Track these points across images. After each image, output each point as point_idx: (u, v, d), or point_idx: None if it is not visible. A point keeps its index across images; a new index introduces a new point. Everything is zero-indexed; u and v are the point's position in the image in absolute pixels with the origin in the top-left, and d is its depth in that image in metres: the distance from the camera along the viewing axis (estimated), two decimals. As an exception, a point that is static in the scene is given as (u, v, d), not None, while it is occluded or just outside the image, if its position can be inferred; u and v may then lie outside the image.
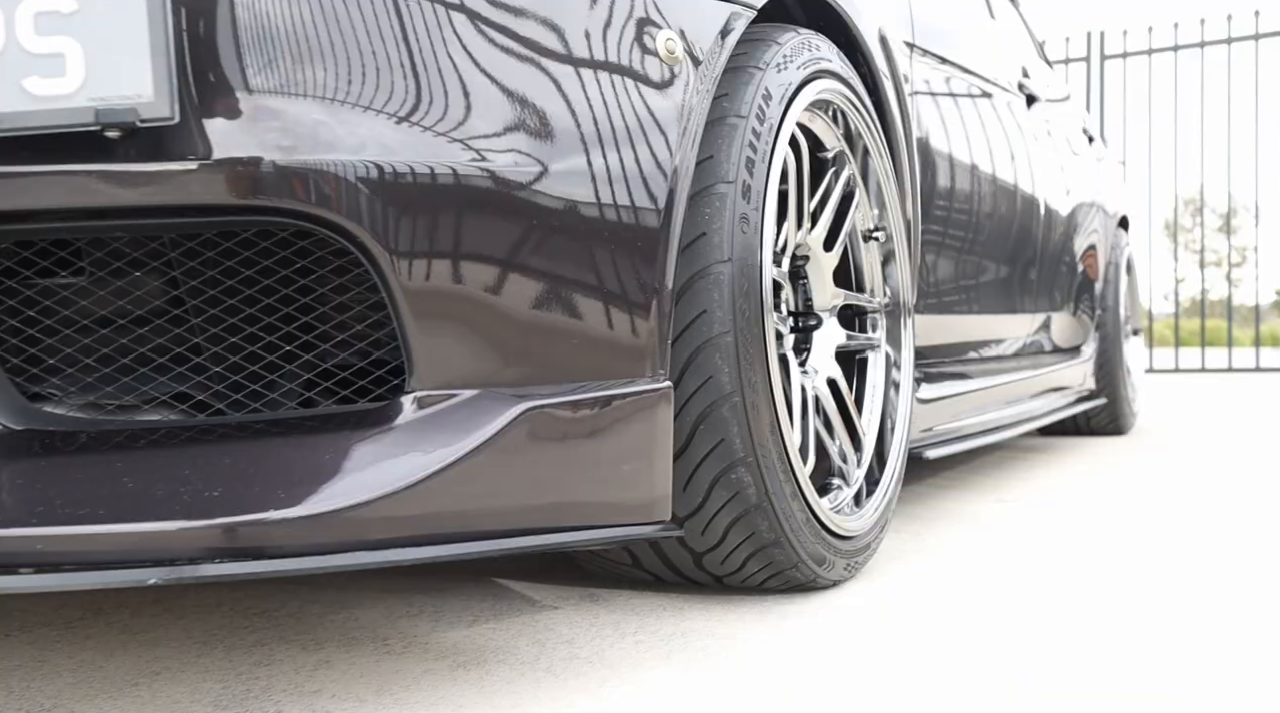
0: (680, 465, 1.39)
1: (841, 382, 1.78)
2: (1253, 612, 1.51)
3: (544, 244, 1.14)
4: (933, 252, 2.36)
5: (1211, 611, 1.51)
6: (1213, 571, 1.77)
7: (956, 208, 2.48)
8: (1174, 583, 1.68)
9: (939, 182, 2.37)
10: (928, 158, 2.31)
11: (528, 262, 1.12)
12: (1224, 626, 1.44)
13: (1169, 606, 1.54)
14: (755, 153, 1.43)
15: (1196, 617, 1.48)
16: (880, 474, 1.83)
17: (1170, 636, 1.39)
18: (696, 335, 1.36)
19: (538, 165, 1.14)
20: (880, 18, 2.02)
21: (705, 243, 1.37)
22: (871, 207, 1.91)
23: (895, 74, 2.05)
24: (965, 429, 2.55)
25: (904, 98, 2.08)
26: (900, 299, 1.96)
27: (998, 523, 2.24)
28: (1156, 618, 1.47)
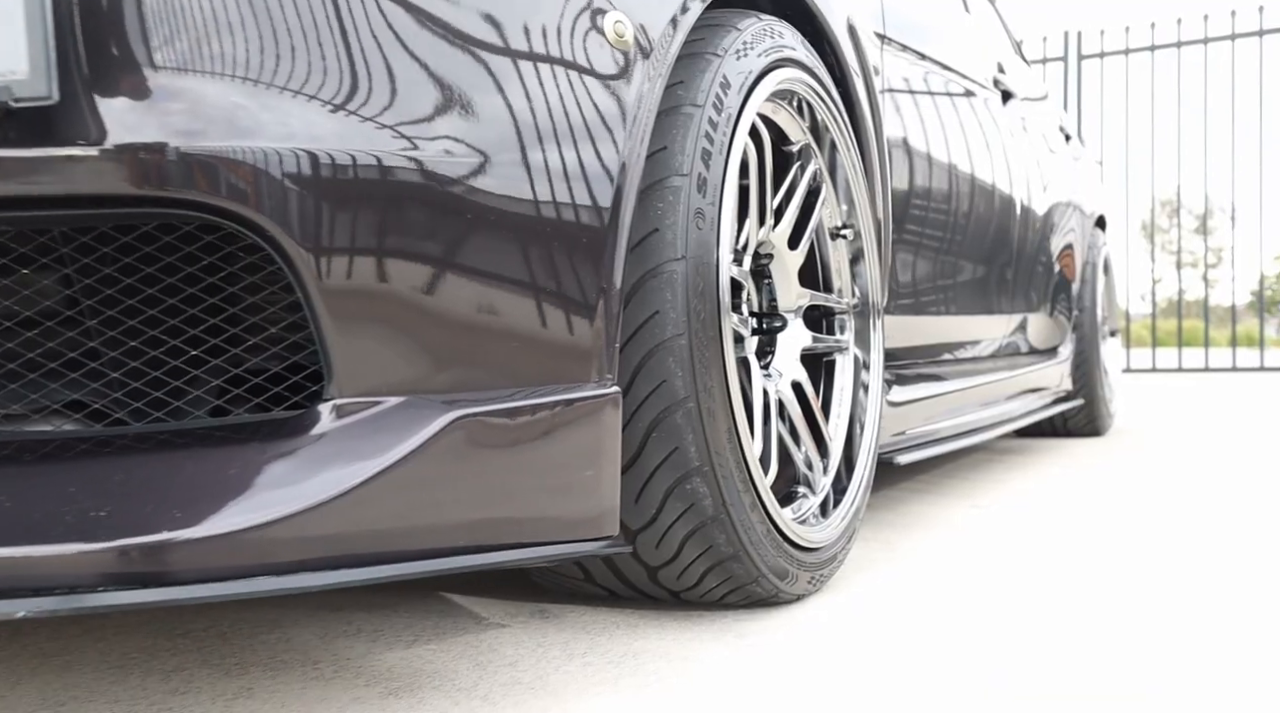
0: (632, 476, 1.31)
1: (807, 385, 1.70)
2: (1227, 613, 1.44)
3: (478, 240, 1.05)
4: (905, 250, 2.28)
5: (1186, 612, 1.44)
6: (1187, 573, 1.70)
7: (929, 205, 2.40)
8: (1148, 586, 1.61)
9: (911, 178, 2.30)
10: (899, 153, 2.23)
11: (460, 259, 1.04)
12: (1198, 627, 1.36)
13: (1144, 608, 1.47)
14: (712, 144, 1.35)
15: (1171, 619, 1.41)
16: (848, 482, 1.76)
17: (1145, 637, 1.32)
18: (648, 338, 1.28)
19: (472, 155, 1.05)
20: (849, 7, 1.94)
21: (657, 239, 1.29)
22: (839, 203, 1.83)
23: (865, 65, 1.98)
24: (939, 433, 2.48)
25: (874, 90, 2.00)
26: (870, 299, 1.88)
27: (972, 529, 2.17)
28: (1131, 621, 1.40)
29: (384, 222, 0.99)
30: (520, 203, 1.09)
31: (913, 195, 2.31)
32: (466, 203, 1.04)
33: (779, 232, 1.65)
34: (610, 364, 1.19)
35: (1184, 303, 10.71)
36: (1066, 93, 10.25)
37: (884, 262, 2.08)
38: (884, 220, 2.06)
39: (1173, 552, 1.94)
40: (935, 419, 2.47)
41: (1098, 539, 2.06)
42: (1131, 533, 2.13)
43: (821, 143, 1.77)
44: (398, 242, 1.00)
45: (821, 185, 1.76)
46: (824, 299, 1.80)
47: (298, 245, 0.95)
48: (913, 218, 2.32)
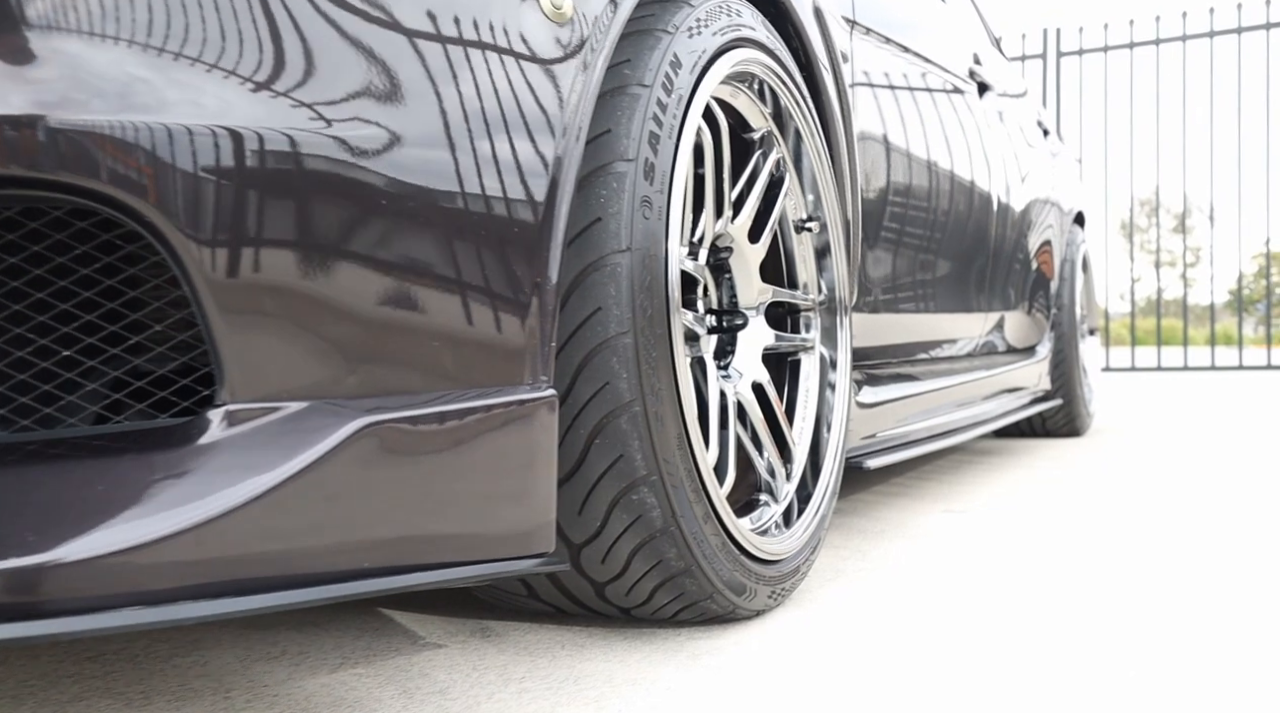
0: (574, 486, 1.21)
1: (769, 387, 1.60)
2: (1205, 627, 1.35)
3: (393, 230, 0.95)
4: (876, 245, 2.19)
5: (1164, 624, 1.35)
6: (1165, 579, 1.61)
7: (902, 198, 2.31)
8: (1128, 595, 1.52)
9: (882, 169, 2.20)
10: (870, 143, 2.14)
11: (372, 250, 0.94)
12: (1176, 639, 1.28)
13: (1125, 620, 1.38)
14: (661, 127, 1.25)
15: (1151, 632, 1.32)
16: (813, 488, 1.66)
17: (1127, 652, 1.23)
18: (590, 336, 1.18)
19: (386, 137, 0.95)
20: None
21: (600, 229, 1.19)
22: (805, 194, 1.73)
23: (832, 51, 1.88)
24: (913, 435, 2.39)
25: (841, 77, 1.91)
26: (837, 295, 1.79)
27: (947, 535, 2.08)
28: (1113, 634, 1.31)
29: (283, 207, 0.89)
30: (442, 189, 0.99)
31: (884, 188, 2.21)
32: (379, 189, 0.94)
33: (738, 223, 1.55)
34: (545, 365, 1.09)
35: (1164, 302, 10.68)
36: (1045, 90, 10.20)
37: (853, 257, 1.98)
38: (853, 214, 1.97)
39: (1152, 558, 1.86)
40: (909, 421, 2.38)
41: (1076, 544, 1.98)
42: (1110, 538, 2.05)
43: (785, 130, 1.67)
44: (299, 230, 0.89)
45: (785, 175, 1.67)
46: (788, 296, 1.71)
47: (182, 234, 0.84)
48: (884, 212, 2.23)
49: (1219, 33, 9.62)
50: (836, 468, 1.70)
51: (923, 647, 1.33)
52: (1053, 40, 10.14)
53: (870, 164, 2.13)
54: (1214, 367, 10.08)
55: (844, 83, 1.92)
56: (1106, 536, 2.09)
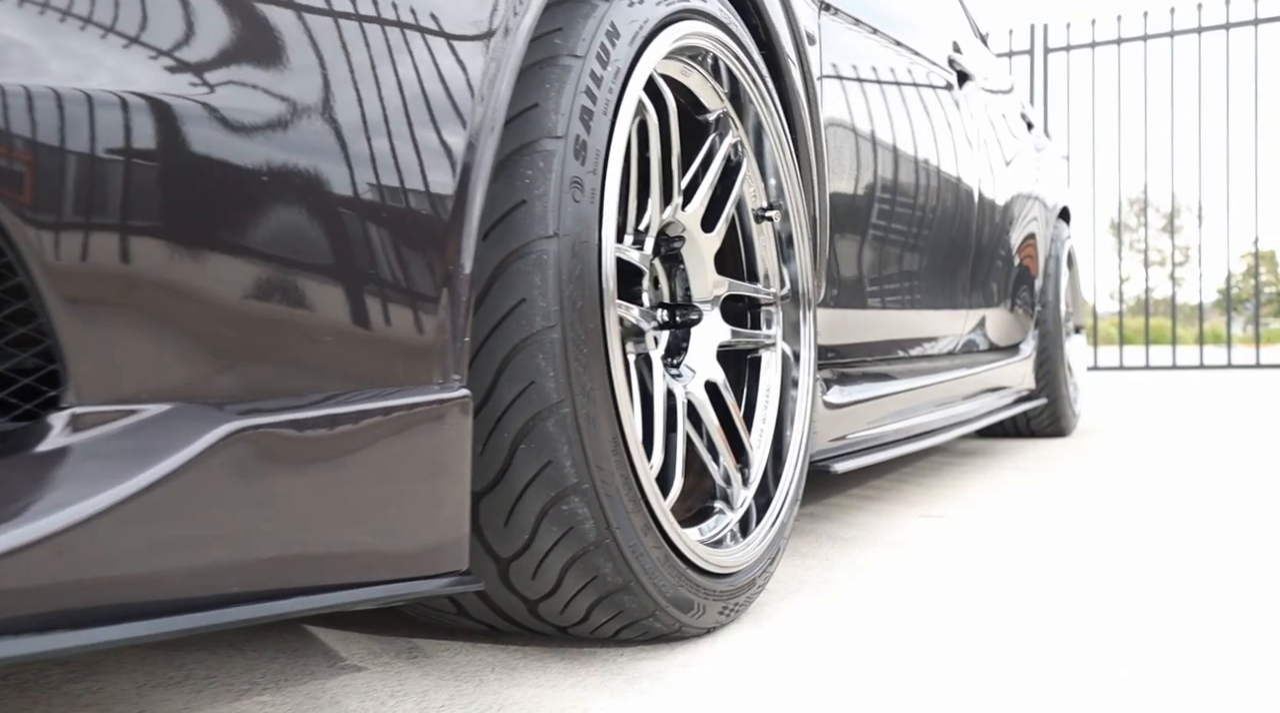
0: (499, 495, 1.11)
1: (724, 386, 1.50)
2: (1188, 642, 1.24)
3: (274, 211, 0.84)
4: (845, 237, 2.09)
5: (1148, 641, 1.25)
6: (1148, 591, 1.51)
7: (873, 188, 2.21)
8: (1109, 607, 1.42)
9: (852, 157, 2.10)
10: (839, 130, 2.04)
11: (249, 233, 0.83)
12: (1161, 657, 1.17)
13: (1106, 633, 1.27)
14: (595, 102, 1.15)
15: (1135, 648, 1.22)
16: (773, 494, 1.55)
17: (1110, 669, 1.12)
18: (513, 331, 1.07)
19: (266, 103, 0.84)
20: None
21: (525, 213, 1.08)
22: (766, 180, 1.63)
23: (796, 30, 1.78)
24: (886, 437, 2.29)
25: (806, 58, 1.81)
26: (800, 289, 1.68)
27: (921, 542, 1.98)
28: (1094, 649, 1.20)
29: (140, 185, 0.77)
30: (333, 167, 0.88)
31: (855, 177, 2.11)
32: (257, 165, 0.83)
33: (690, 211, 1.45)
34: (458, 362, 0.98)
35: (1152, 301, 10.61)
36: (1033, 87, 10.11)
37: (820, 248, 1.88)
38: (820, 203, 1.86)
39: (1134, 566, 1.75)
40: (882, 422, 2.27)
41: (1057, 552, 1.87)
42: (1091, 543, 1.95)
43: (743, 113, 1.57)
44: (160, 211, 0.78)
45: (743, 160, 1.56)
46: (747, 289, 1.60)
47: (14, 213, 0.73)
48: (854, 202, 2.12)
49: (1207, 28, 9.55)
50: (798, 473, 1.60)
51: (889, 667, 1.23)
52: (1040, 36, 10.05)
53: (839, 151, 2.03)
54: (1202, 366, 10.01)
55: (809, 64, 1.81)
56: (1088, 541, 1.98)
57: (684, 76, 1.45)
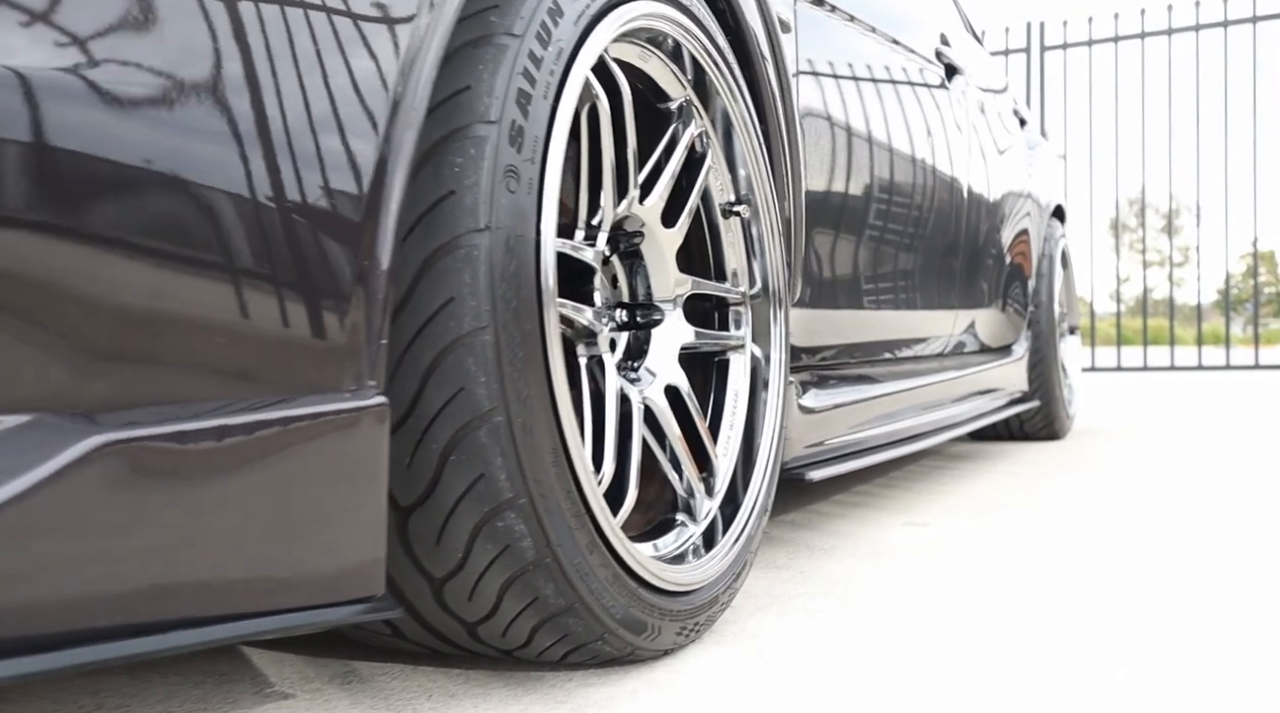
0: (429, 511, 1.02)
1: (687, 391, 1.41)
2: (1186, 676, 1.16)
3: (156, 195, 0.76)
4: (824, 233, 2.00)
5: (1140, 665, 1.16)
6: (1141, 605, 1.43)
7: (854, 183, 2.12)
8: (1099, 624, 1.33)
9: (830, 150, 2.01)
10: (816, 121, 1.95)
11: (125, 221, 0.74)
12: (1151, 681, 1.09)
13: (1096, 655, 1.19)
14: (534, 85, 1.06)
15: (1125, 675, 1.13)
16: (740, 505, 1.47)
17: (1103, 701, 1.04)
18: (440, 332, 0.98)
19: (148, 80, 0.75)
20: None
21: (454, 205, 0.99)
22: (735, 172, 1.54)
23: (768, 16, 1.69)
24: (868, 442, 2.20)
25: (779, 46, 1.72)
26: (771, 287, 1.59)
27: (902, 552, 1.89)
28: (1084, 675, 1.12)
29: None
30: (225, 152, 0.79)
31: (833, 171, 2.02)
32: (134, 148, 0.75)
33: (649, 204, 1.36)
34: (373, 366, 0.89)
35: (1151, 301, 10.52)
36: (1029, 85, 10.02)
37: (795, 245, 1.80)
38: (795, 197, 1.78)
39: (1127, 577, 1.67)
40: (864, 426, 2.19)
41: (1044, 563, 1.79)
42: (1081, 554, 1.86)
43: (709, 102, 1.48)
44: (18, 198, 0.70)
45: (707, 152, 1.48)
46: (713, 287, 1.52)
47: None
48: (833, 197, 2.04)
49: (1204, 26, 9.46)
50: (767, 482, 1.51)
51: (861, 692, 1.14)
52: (1036, 34, 9.97)
53: (816, 144, 1.94)
54: (1201, 367, 9.92)
55: (782, 53, 1.73)
56: (1077, 550, 1.90)
57: (642, 62, 1.36)
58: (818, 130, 1.95)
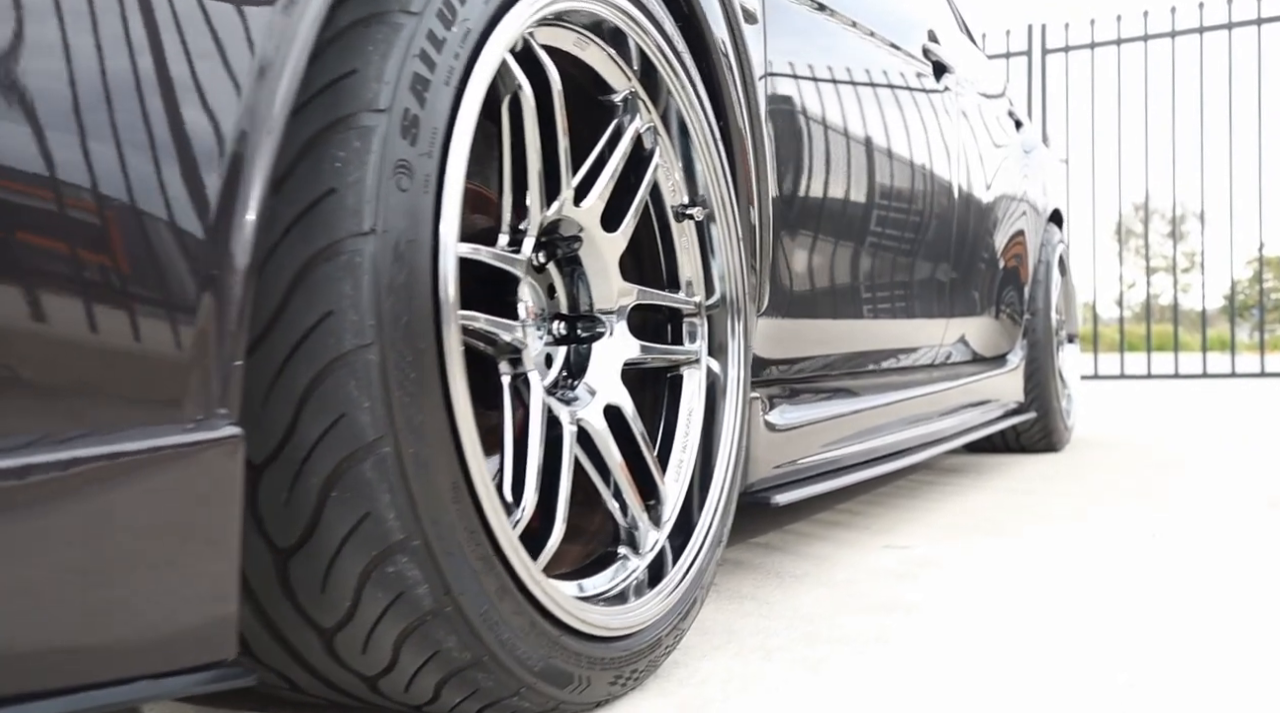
0: (311, 555, 0.89)
1: (630, 411, 1.28)
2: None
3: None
4: (796, 238, 1.88)
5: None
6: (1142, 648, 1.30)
7: (830, 184, 2.00)
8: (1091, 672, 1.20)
9: (805, 149, 1.89)
10: (788, 117, 1.83)
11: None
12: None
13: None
14: (434, 70, 0.93)
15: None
16: (691, 535, 1.34)
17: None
18: (317, 351, 0.86)
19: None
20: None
21: (334, 204, 0.87)
22: (692, 171, 1.42)
23: (728, 4, 1.57)
24: (846, 460, 2.07)
25: (742, 37, 1.60)
26: (730, 297, 1.47)
27: (877, 580, 1.76)
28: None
29: None
30: (39, 135, 0.67)
31: (807, 171, 1.90)
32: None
33: (587, 207, 1.24)
34: (224, 392, 0.77)
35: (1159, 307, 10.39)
36: (1031, 89, 9.89)
37: (762, 251, 1.67)
38: (762, 199, 1.65)
39: (1122, 615, 1.54)
40: (842, 443, 2.06)
41: (1035, 595, 1.66)
42: (1075, 590, 1.73)
43: (657, 95, 1.36)
44: None
45: (655, 149, 1.35)
46: (662, 297, 1.39)
47: None
48: (807, 200, 1.91)
49: (1209, 28, 9.31)
50: (722, 510, 1.38)
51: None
52: (1038, 37, 9.83)
53: (787, 143, 1.82)
54: (1206, 374, 9.76)
55: (744, 44, 1.60)
56: (1067, 582, 1.77)
57: (579, 49, 1.24)
58: (788, 128, 1.82)
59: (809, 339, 1.98)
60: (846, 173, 2.05)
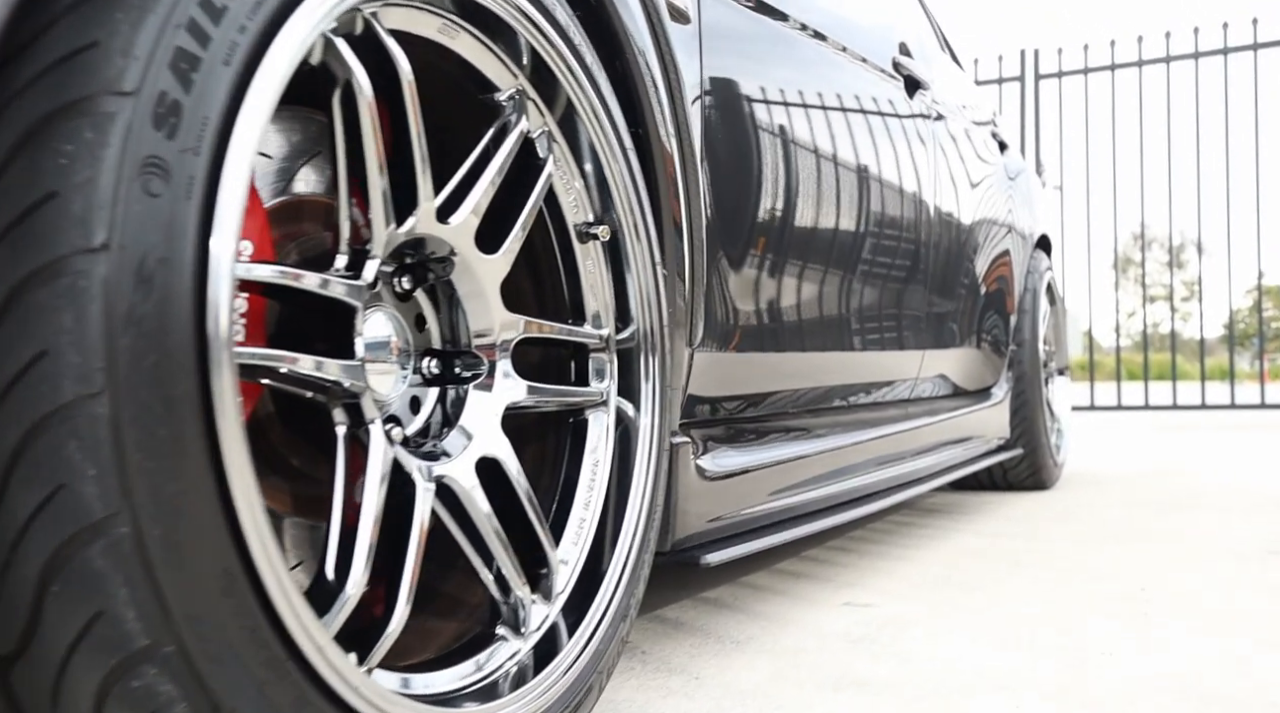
0: (35, 664, 0.69)
1: (511, 464, 1.09)
2: None
3: None
4: (742, 264, 1.68)
5: None
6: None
7: (781, 205, 1.80)
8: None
9: (750, 166, 1.70)
10: (729, 131, 1.64)
11: None
12: None
13: None
14: (206, 45, 0.74)
15: None
16: (588, 610, 1.14)
17: None
18: (28, 402, 0.66)
19: None
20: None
21: (55, 212, 0.67)
22: (606, 185, 1.22)
23: (651, 2, 1.38)
24: (800, 508, 1.87)
25: (665, 34, 1.41)
26: (645, 329, 1.27)
27: (833, 647, 1.56)
28: None
29: None
30: None
31: (752, 190, 1.71)
32: None
33: (457, 223, 1.04)
34: None
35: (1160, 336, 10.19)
36: (1024, 114, 9.72)
37: (694, 277, 1.48)
38: (693, 219, 1.46)
39: (1112, 701, 1.33)
40: (798, 489, 1.86)
41: (1005, 669, 1.45)
42: (1055, 657, 1.52)
43: (552, 96, 1.17)
44: None
45: (548, 158, 1.16)
46: (556, 330, 1.19)
47: None
48: (754, 221, 1.72)
49: (1204, 54, 9.15)
50: (626, 577, 1.18)
51: None
52: (1030, 62, 9.67)
53: (729, 156, 1.63)
54: (1204, 405, 9.54)
55: (669, 43, 1.41)
56: (1043, 647, 1.56)
57: (446, 38, 1.05)
58: (728, 140, 1.63)
59: (754, 375, 1.78)
60: (797, 192, 1.85)
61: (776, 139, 1.79)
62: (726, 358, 1.67)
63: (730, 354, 1.68)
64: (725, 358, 1.66)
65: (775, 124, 1.79)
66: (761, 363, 1.80)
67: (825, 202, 1.98)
